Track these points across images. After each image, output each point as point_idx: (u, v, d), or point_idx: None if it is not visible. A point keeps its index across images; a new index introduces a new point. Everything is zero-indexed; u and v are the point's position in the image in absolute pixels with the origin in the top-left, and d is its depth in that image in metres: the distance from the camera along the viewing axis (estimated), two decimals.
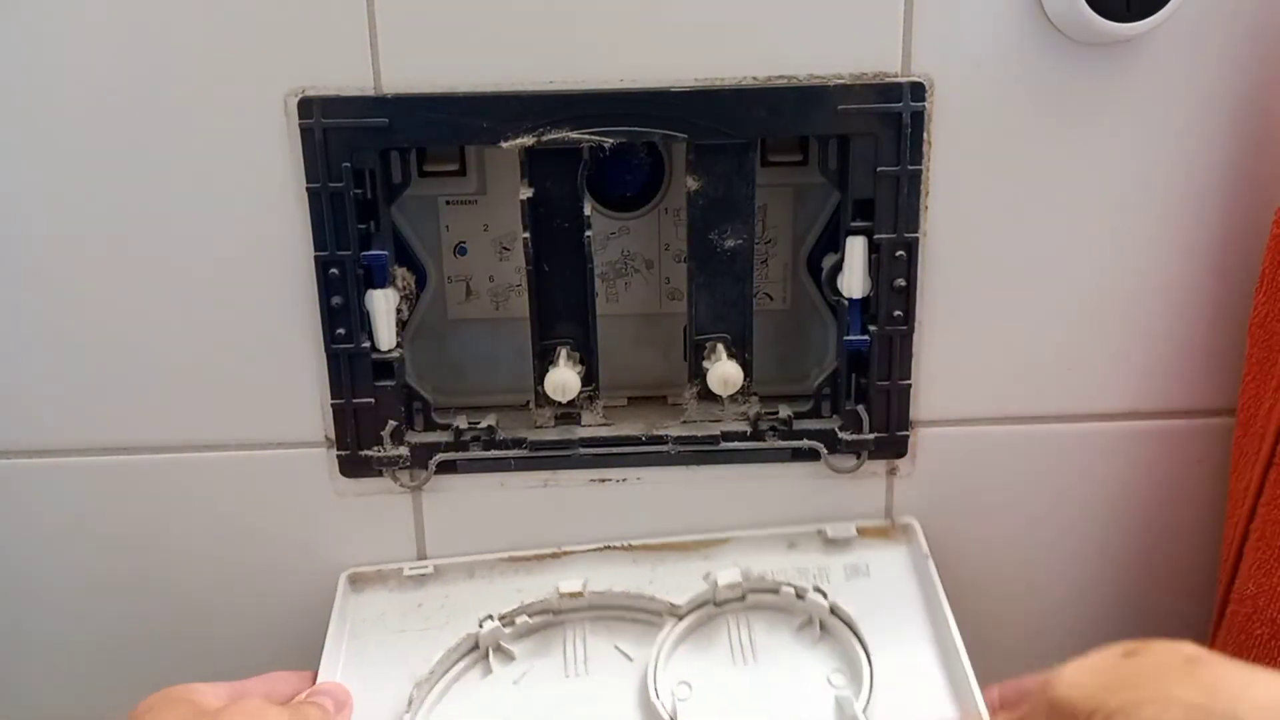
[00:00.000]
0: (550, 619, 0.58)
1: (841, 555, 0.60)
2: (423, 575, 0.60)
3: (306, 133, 0.53)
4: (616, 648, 0.56)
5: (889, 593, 0.58)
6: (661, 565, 0.60)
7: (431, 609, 0.58)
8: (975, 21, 0.52)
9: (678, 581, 0.58)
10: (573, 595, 0.57)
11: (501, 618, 0.56)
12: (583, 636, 0.57)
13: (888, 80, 0.53)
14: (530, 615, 0.57)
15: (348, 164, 0.53)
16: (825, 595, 0.56)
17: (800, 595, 0.57)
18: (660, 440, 0.59)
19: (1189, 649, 0.36)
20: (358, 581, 0.61)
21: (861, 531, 0.61)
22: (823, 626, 0.57)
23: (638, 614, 0.58)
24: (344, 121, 0.53)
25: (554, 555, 0.60)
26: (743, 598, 0.58)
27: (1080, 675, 0.37)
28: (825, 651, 0.56)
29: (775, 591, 0.58)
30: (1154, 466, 0.61)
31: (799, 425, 0.59)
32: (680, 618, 0.57)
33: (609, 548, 0.61)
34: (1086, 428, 0.60)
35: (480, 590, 0.59)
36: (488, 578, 0.60)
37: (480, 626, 0.56)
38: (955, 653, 0.53)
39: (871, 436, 0.59)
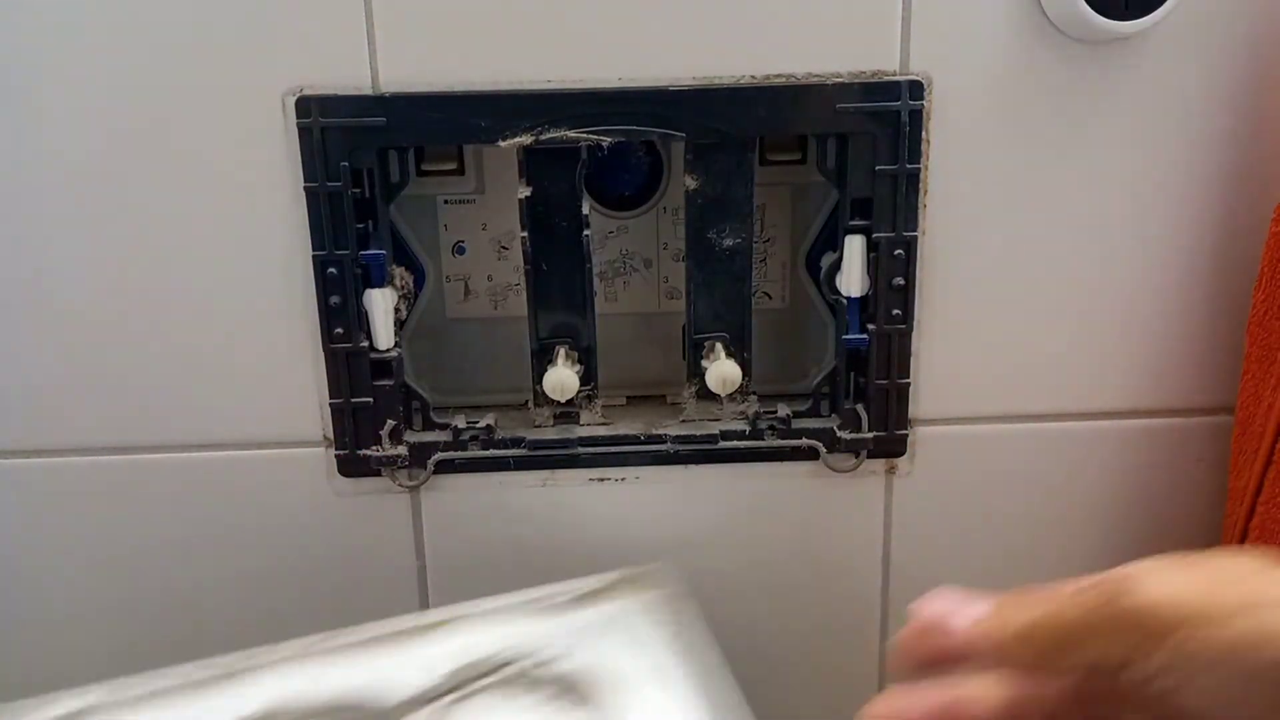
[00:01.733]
0: None
1: (587, 611, 0.54)
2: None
3: (304, 132, 0.53)
4: None
5: (642, 640, 0.52)
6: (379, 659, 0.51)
7: None
8: (974, 20, 0.52)
9: (401, 676, 0.49)
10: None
11: None
12: None
13: (886, 79, 0.53)
14: None
15: (345, 163, 0.53)
16: (568, 658, 0.50)
17: (540, 665, 0.50)
18: (659, 439, 0.59)
19: (1251, 557, 0.29)
20: None
21: (609, 585, 0.55)
22: (572, 689, 0.49)
23: None
24: (342, 120, 0.53)
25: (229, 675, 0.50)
26: (475, 680, 0.50)
27: (1169, 575, 0.28)
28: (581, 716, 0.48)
29: (509, 665, 0.50)
30: (1153, 465, 0.61)
31: (798, 424, 0.59)
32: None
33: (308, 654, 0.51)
34: (1086, 426, 0.60)
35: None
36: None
37: None
38: (723, 687, 0.48)
39: (870, 435, 0.59)
